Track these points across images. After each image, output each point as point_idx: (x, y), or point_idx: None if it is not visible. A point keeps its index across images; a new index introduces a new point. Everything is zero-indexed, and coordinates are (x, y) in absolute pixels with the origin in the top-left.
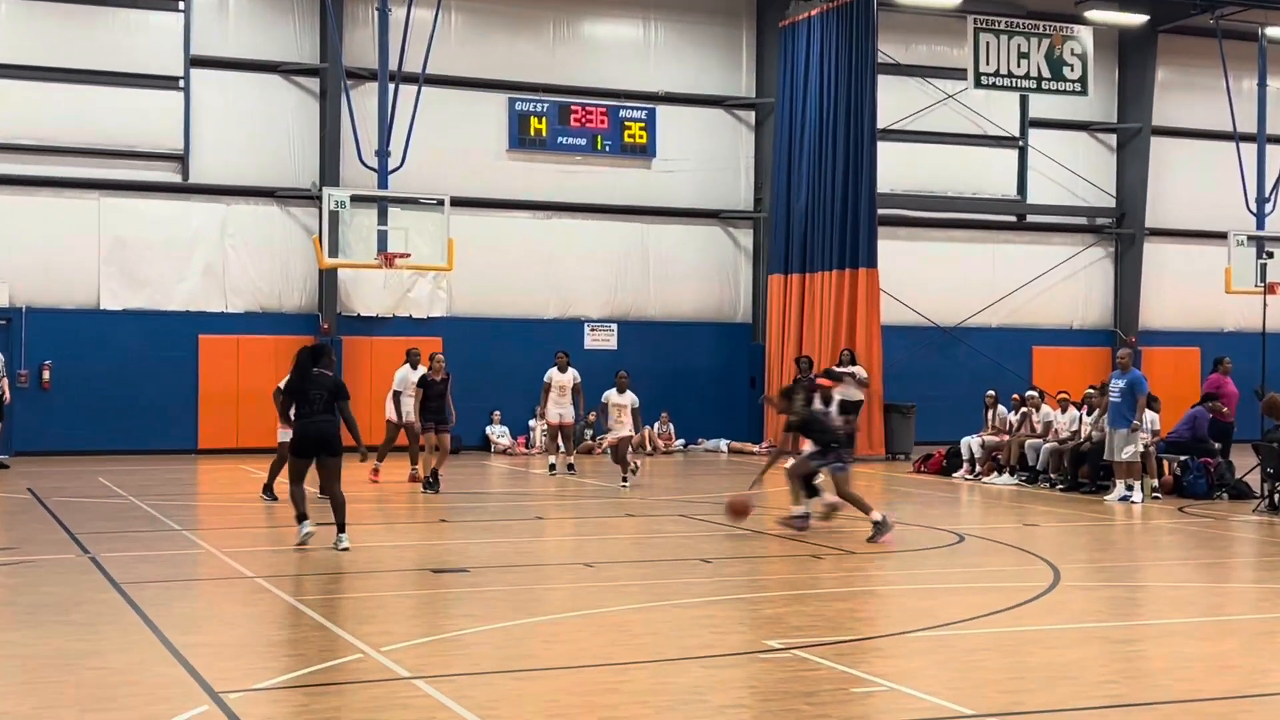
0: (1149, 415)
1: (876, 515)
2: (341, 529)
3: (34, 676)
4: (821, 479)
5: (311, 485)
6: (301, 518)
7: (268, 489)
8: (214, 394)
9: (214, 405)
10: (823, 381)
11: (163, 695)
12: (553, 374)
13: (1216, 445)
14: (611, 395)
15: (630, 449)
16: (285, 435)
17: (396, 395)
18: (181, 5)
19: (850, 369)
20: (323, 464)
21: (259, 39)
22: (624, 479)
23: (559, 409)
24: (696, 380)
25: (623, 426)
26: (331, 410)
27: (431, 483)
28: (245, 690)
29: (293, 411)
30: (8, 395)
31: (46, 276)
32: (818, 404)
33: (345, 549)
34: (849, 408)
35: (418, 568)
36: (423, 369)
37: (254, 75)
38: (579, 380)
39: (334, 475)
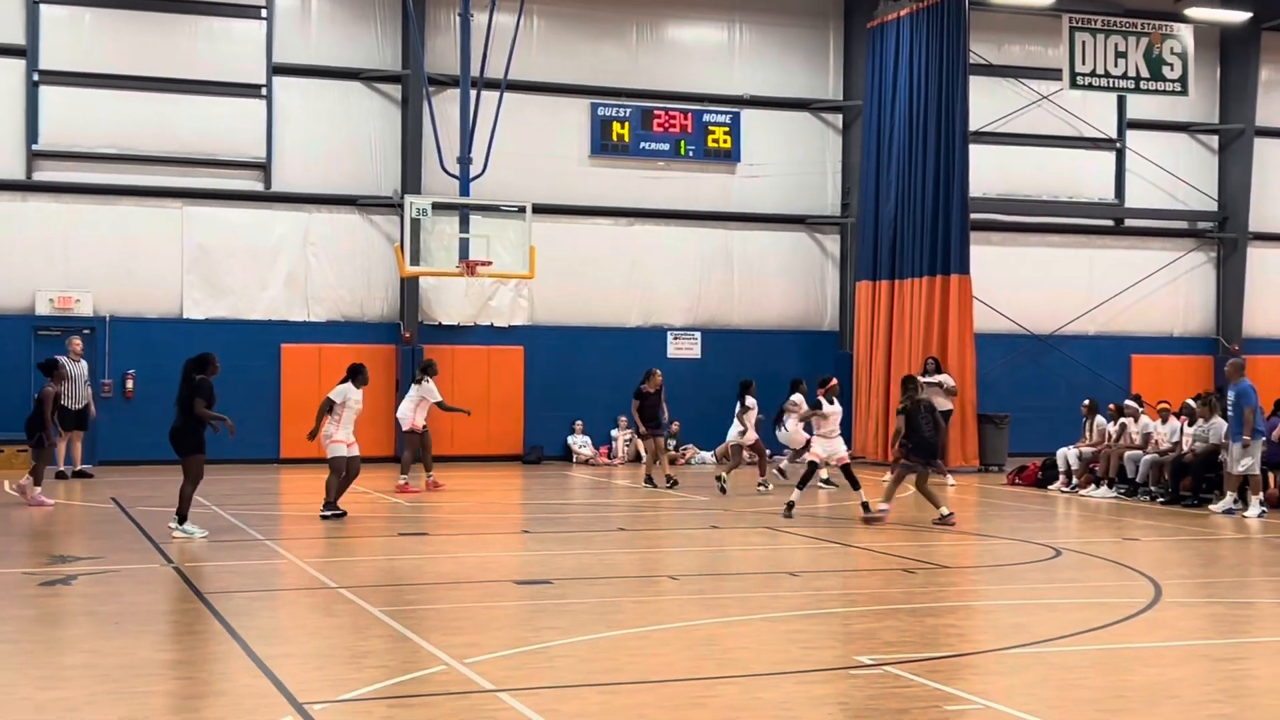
0: None
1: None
2: (180, 518)
3: (120, 686)
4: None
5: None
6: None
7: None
8: (296, 403)
9: (296, 415)
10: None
11: (247, 706)
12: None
13: None
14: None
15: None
16: (338, 450)
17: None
18: (263, 13)
19: (937, 377)
20: (181, 462)
21: (341, 46)
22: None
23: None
24: (782, 390)
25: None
26: (187, 413)
27: (673, 480)
28: (329, 701)
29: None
30: (93, 407)
31: (130, 286)
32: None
33: (171, 526)
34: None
35: (501, 579)
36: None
37: (336, 82)
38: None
39: (185, 473)
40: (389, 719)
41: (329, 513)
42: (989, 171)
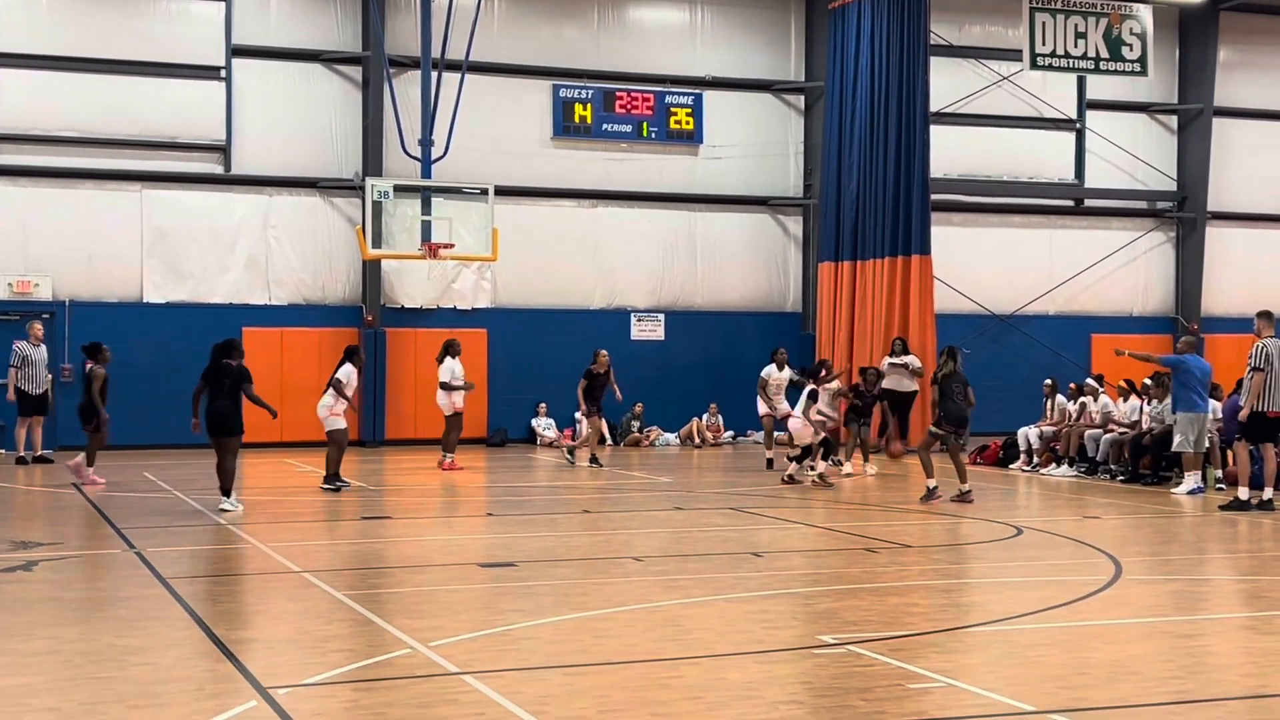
0: (1212, 404)
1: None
2: (225, 494)
3: (81, 672)
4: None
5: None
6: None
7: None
8: (258, 387)
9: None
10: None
11: (210, 691)
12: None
13: None
14: (772, 371)
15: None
16: (339, 424)
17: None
18: None
19: (904, 358)
20: (221, 442)
21: (301, 28)
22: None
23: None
24: (745, 371)
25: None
26: (234, 396)
27: (597, 461)
28: (293, 686)
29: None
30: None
31: (89, 270)
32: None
33: (222, 509)
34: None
35: (465, 562)
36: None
37: (296, 64)
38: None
39: (230, 451)
40: (353, 702)
41: (333, 485)
42: (950, 152)
